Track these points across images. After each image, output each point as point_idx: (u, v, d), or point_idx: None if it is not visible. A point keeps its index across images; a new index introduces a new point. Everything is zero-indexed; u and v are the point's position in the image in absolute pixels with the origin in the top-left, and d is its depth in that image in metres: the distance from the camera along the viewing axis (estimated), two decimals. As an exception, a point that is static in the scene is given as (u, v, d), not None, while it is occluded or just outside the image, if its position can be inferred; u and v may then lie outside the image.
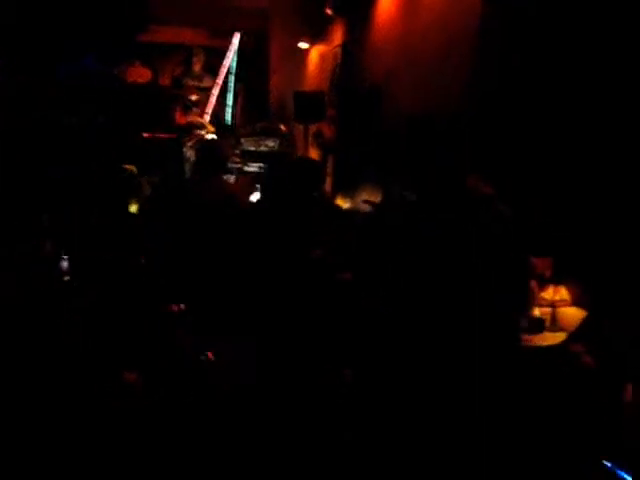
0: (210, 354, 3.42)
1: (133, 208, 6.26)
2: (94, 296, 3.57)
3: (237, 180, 9.16)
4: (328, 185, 8.15)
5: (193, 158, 9.63)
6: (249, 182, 8.60)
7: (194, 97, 10.50)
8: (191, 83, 11.80)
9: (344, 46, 8.22)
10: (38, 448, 2.42)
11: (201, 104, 10.78)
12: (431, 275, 2.61)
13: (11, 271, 3.64)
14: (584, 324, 3.31)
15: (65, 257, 4.16)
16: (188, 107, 10.17)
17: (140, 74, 11.86)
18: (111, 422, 2.56)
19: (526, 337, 3.58)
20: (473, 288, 2.55)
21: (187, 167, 9.59)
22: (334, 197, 7.51)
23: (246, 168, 9.43)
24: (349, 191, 6.54)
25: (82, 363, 2.75)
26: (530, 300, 3.71)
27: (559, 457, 2.93)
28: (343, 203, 6.32)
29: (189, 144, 9.68)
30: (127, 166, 8.72)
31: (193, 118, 10.00)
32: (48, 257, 4.22)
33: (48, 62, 6.82)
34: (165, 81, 12.45)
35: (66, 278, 4.06)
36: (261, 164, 9.37)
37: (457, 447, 2.65)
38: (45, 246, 4.36)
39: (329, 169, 8.18)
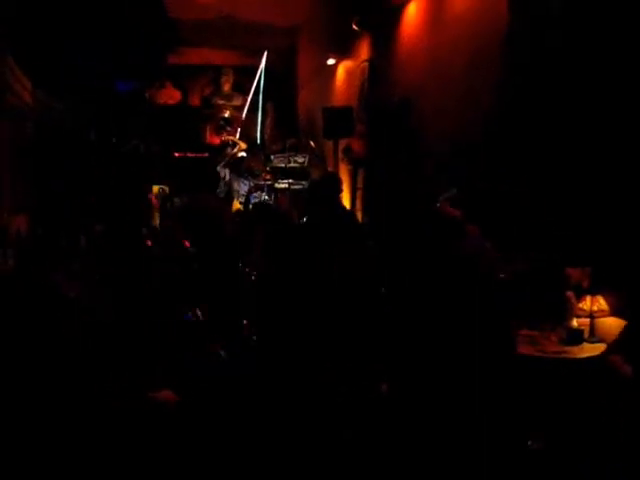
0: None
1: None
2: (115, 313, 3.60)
3: (276, 198, 9.24)
4: (359, 199, 8.17)
5: (228, 177, 9.78)
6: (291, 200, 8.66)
7: (227, 114, 10.64)
8: (221, 102, 12.00)
9: (371, 61, 8.26)
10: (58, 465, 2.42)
11: (233, 122, 10.93)
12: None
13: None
14: (623, 334, 3.24)
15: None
16: (221, 126, 10.31)
17: (171, 95, 12.11)
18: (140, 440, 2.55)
19: (565, 348, 3.54)
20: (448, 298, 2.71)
21: (221, 185, 9.73)
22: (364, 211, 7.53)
23: (277, 185, 9.51)
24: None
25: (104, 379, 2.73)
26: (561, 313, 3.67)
27: (600, 468, 2.88)
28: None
29: (222, 163, 9.82)
30: (160, 186, 8.89)
31: (226, 136, 10.13)
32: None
33: (83, 86, 7.01)
34: (195, 101, 12.69)
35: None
36: (291, 180, 9.44)
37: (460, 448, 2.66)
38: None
39: (359, 184, 8.19)
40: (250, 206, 8.71)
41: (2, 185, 5.58)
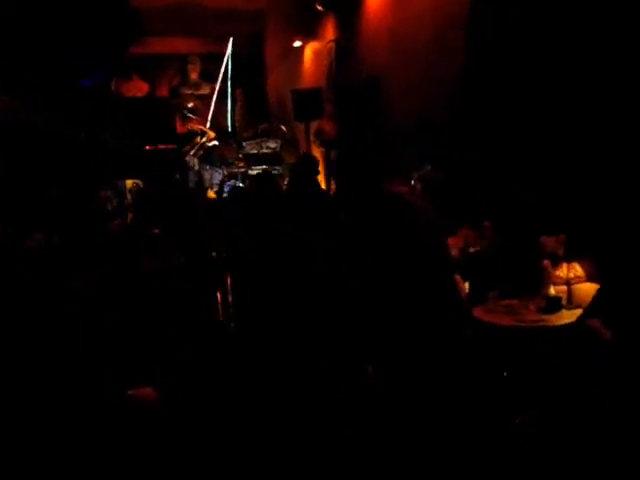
0: None
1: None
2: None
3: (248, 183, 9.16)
4: (332, 181, 8.14)
5: (197, 166, 9.67)
6: None
7: (191, 104, 10.51)
8: (189, 92, 11.82)
9: (337, 41, 8.20)
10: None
11: (199, 111, 10.79)
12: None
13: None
14: (597, 298, 3.27)
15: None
16: (186, 116, 10.18)
17: (138, 88, 11.88)
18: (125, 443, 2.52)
19: (543, 317, 3.56)
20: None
21: (191, 175, 9.62)
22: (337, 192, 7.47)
23: (250, 171, 9.44)
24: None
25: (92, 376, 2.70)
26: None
27: (586, 437, 2.90)
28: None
29: (191, 152, 9.70)
30: (133, 180, 8.77)
31: (192, 126, 10.01)
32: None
33: (46, 80, 6.86)
34: (163, 92, 12.49)
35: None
36: (265, 166, 9.36)
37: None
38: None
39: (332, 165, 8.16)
40: (224, 194, 8.64)
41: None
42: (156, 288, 3.84)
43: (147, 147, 9.79)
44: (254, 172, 9.31)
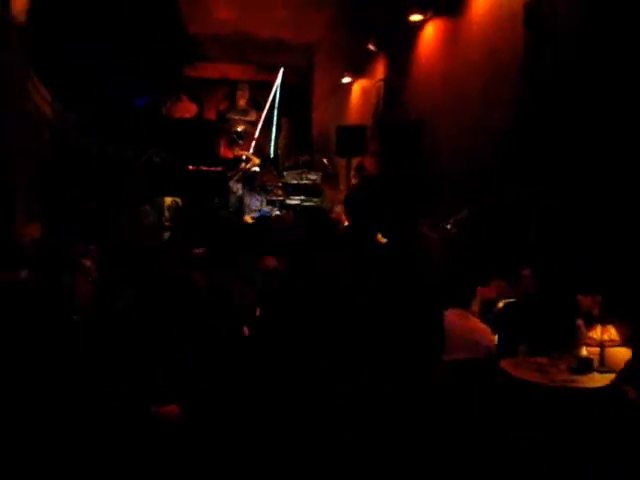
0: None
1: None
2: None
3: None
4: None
5: (240, 192, 9.81)
6: None
7: (240, 128, 10.70)
8: (236, 117, 12.07)
9: (386, 81, 8.31)
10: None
11: (247, 137, 10.98)
12: None
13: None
14: (632, 363, 3.20)
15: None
16: (234, 140, 10.36)
17: (187, 109, 12.19)
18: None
19: (574, 377, 3.49)
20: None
21: (232, 199, 9.75)
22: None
23: (288, 201, 9.53)
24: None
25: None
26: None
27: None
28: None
29: (235, 178, 9.84)
30: (172, 198, 8.93)
31: (240, 152, 10.18)
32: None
33: (102, 99, 7.10)
34: (210, 115, 12.77)
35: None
36: (303, 197, 9.45)
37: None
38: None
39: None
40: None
41: (17, 193, 5.64)
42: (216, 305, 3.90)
43: (190, 167, 9.97)
44: (292, 202, 9.40)
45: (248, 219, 9.20)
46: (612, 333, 3.66)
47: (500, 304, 4.34)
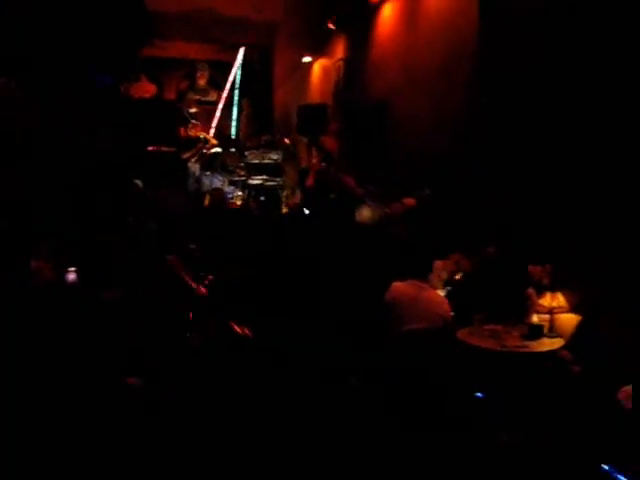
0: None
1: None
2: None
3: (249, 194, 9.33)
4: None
5: (198, 172, 9.77)
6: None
7: (192, 110, 10.63)
8: (196, 97, 11.97)
9: (346, 60, 8.36)
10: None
11: (201, 117, 10.90)
12: None
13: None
14: (579, 329, 3.38)
15: (71, 270, 4.23)
16: (187, 120, 10.29)
17: (146, 89, 12.03)
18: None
19: (526, 343, 3.66)
20: None
21: (191, 181, 9.72)
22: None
23: (250, 181, 9.55)
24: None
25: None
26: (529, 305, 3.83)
27: (556, 461, 3.00)
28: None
29: (193, 159, 9.79)
30: (135, 181, 8.85)
31: (194, 132, 10.12)
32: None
33: (56, 78, 6.95)
34: (170, 95, 12.63)
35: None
36: (265, 176, 9.49)
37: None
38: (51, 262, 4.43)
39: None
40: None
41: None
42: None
43: (150, 148, 9.88)
44: (254, 182, 9.43)
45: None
46: (560, 300, 3.85)
47: (457, 276, 4.50)
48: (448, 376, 3.55)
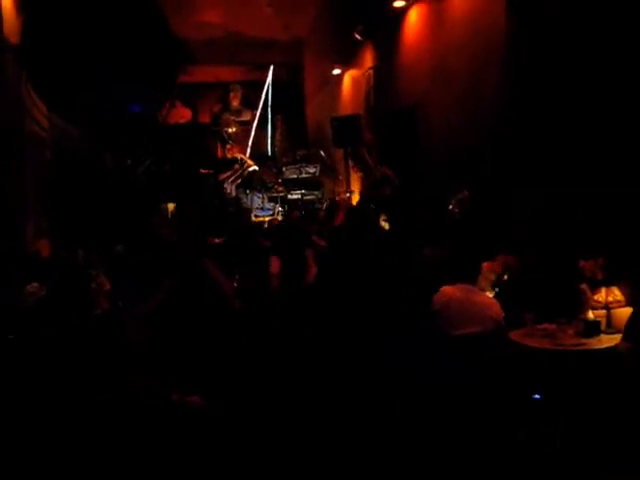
0: None
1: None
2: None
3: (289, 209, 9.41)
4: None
5: (234, 193, 9.91)
6: None
7: (231, 130, 10.78)
8: (230, 118, 12.17)
9: (376, 68, 8.37)
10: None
11: (240, 137, 11.06)
12: None
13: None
14: (632, 321, 3.27)
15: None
16: (225, 141, 10.46)
17: (181, 114, 12.29)
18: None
19: (583, 341, 3.57)
20: None
21: (231, 201, 9.85)
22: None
23: (289, 196, 9.63)
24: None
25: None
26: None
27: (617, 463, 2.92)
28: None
29: (230, 180, 9.93)
30: (174, 204, 9.03)
31: (231, 153, 10.27)
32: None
33: (95, 110, 7.17)
34: (205, 119, 12.87)
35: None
36: (304, 190, 9.55)
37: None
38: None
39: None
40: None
41: (27, 211, 5.74)
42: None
43: (188, 172, 10.07)
44: (293, 196, 9.51)
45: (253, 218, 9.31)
46: (616, 294, 3.74)
47: (505, 277, 4.43)
48: (505, 379, 3.49)
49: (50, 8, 5.40)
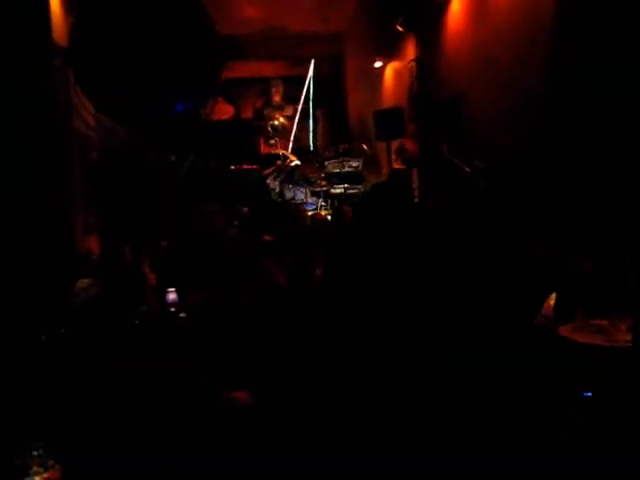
0: None
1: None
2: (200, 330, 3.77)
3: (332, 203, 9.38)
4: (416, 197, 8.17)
5: (277, 189, 9.95)
6: None
7: (277, 122, 10.81)
8: (272, 113, 12.23)
9: (418, 60, 8.28)
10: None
11: (284, 130, 11.09)
12: None
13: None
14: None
15: (171, 290, 4.40)
16: (269, 137, 10.51)
17: (224, 111, 12.40)
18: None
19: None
20: None
21: (273, 196, 9.91)
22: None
23: (332, 190, 9.62)
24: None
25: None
26: None
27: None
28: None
29: (272, 175, 9.99)
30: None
31: (274, 149, 10.33)
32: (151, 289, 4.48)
33: (140, 109, 7.30)
34: (247, 114, 12.96)
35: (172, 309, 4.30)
36: (347, 184, 9.53)
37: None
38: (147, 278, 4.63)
39: (415, 183, 8.21)
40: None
41: (76, 209, 5.89)
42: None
43: (232, 167, 10.17)
44: (336, 191, 9.50)
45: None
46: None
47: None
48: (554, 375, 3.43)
49: (97, 11, 5.50)
